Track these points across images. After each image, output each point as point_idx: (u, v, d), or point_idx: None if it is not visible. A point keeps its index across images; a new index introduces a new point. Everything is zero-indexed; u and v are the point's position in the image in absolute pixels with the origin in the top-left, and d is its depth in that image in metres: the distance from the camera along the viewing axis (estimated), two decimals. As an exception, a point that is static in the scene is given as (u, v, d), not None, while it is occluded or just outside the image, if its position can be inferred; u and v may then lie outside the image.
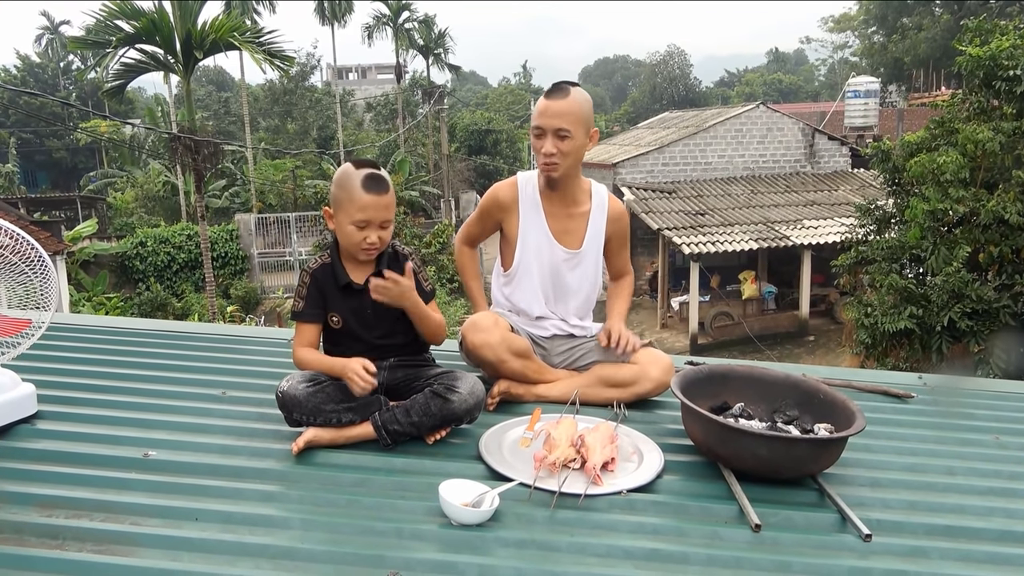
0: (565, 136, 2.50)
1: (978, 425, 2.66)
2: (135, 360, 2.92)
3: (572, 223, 2.69)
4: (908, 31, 35.51)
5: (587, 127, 2.55)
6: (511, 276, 2.74)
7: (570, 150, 2.53)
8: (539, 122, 2.53)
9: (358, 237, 2.15)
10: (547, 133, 2.51)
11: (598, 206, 2.71)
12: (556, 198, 2.67)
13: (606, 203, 2.73)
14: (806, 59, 73.24)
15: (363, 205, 2.12)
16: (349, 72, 61.40)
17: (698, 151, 20.01)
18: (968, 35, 9.84)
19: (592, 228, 2.70)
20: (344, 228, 2.16)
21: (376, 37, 37.51)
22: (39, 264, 2.15)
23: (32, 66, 48.35)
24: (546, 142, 2.52)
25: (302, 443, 2.05)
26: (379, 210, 2.14)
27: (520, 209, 2.67)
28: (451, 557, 1.64)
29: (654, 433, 2.30)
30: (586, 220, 2.70)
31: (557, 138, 2.51)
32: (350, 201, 2.13)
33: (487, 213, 2.74)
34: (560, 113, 2.49)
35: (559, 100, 2.51)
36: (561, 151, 2.52)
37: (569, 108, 2.50)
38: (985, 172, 9.56)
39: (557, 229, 2.68)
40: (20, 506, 1.78)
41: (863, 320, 9.62)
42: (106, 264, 21.74)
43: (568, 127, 2.49)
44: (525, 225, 2.67)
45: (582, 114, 2.52)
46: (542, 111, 2.53)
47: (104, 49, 15.76)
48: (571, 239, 2.69)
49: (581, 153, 2.58)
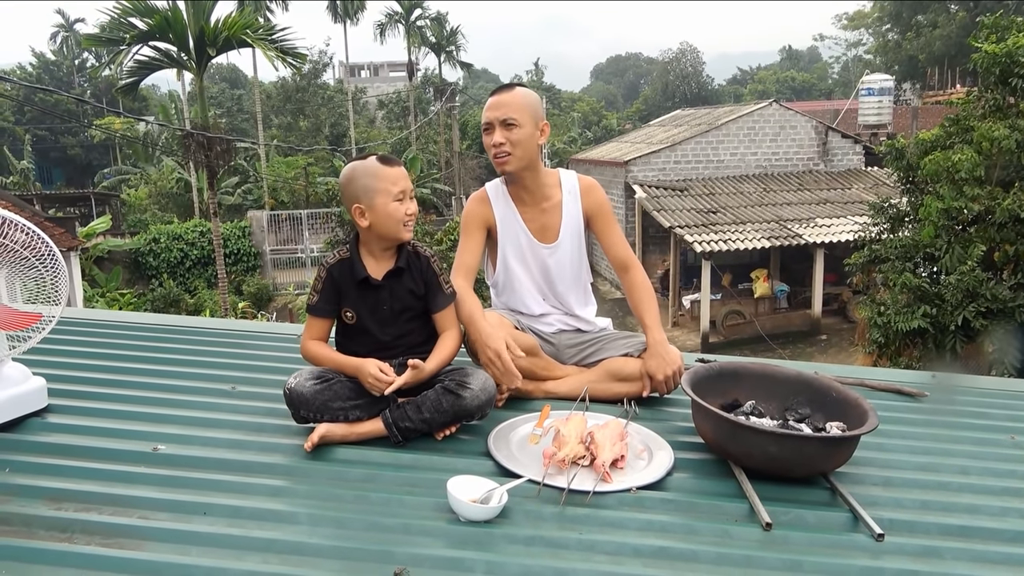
0: (512, 124, 2.53)
1: (993, 424, 2.63)
2: (144, 355, 2.93)
3: (546, 217, 2.69)
4: (923, 28, 35.27)
5: (535, 118, 2.58)
6: (500, 282, 2.74)
7: (519, 139, 2.54)
8: (486, 117, 2.58)
9: (400, 212, 2.19)
10: (495, 126, 2.55)
11: (569, 192, 2.70)
12: (527, 197, 2.67)
13: (576, 186, 2.71)
14: (820, 57, 72.81)
15: (395, 177, 2.19)
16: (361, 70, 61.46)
17: (710, 149, 19.94)
18: (984, 32, 9.74)
19: (567, 216, 2.69)
20: (387, 209, 2.17)
21: (388, 35, 37.57)
22: (50, 259, 2.16)
23: (47, 63, 48.70)
24: (495, 135, 2.55)
25: (316, 438, 2.05)
26: (405, 179, 2.23)
27: (496, 214, 2.68)
28: (459, 553, 1.63)
29: (664, 430, 2.28)
30: (559, 211, 2.69)
31: (505, 128, 2.54)
32: (382, 180, 2.18)
33: (471, 222, 2.69)
34: (504, 103, 2.55)
35: (503, 93, 2.59)
36: (510, 140, 2.54)
37: (513, 99, 2.56)
38: (1001, 170, 9.47)
39: (534, 227, 2.68)
40: (30, 499, 1.79)
41: (876, 319, 9.55)
42: (120, 260, 21.90)
43: (514, 115, 2.53)
44: (503, 229, 2.68)
45: (527, 104, 2.56)
46: (488, 106, 2.60)
47: (118, 46, 15.82)
48: (548, 234, 2.69)
49: (532, 144, 2.58)
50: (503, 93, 2.60)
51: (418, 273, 2.28)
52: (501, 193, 2.69)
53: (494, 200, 2.69)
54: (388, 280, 2.24)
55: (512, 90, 2.60)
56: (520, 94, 2.59)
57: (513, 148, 2.55)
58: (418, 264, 2.28)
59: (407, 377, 2.12)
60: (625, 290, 2.73)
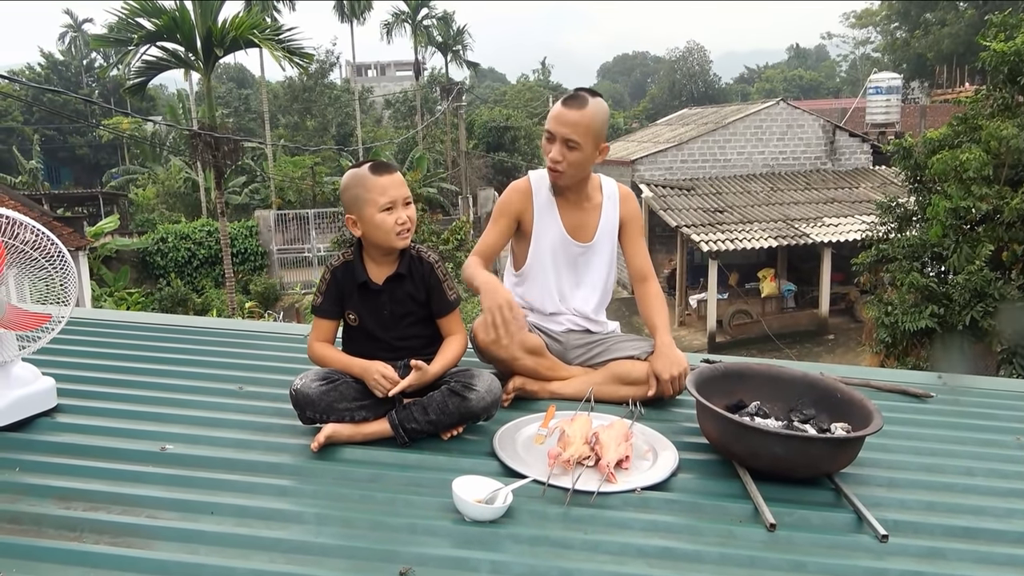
0: (574, 147, 2.50)
1: (999, 425, 2.62)
2: (153, 355, 2.95)
3: (585, 217, 2.69)
4: (931, 27, 35.12)
5: (597, 140, 2.53)
6: (524, 274, 2.74)
7: (576, 160, 2.52)
8: (551, 127, 2.53)
9: (390, 221, 2.15)
10: (557, 139, 2.52)
11: (609, 197, 2.72)
12: (570, 195, 2.68)
13: (616, 193, 2.73)
14: (827, 55, 72.59)
15: (382, 187, 2.15)
16: (368, 69, 61.58)
17: (717, 148, 19.89)
18: (992, 30, 9.69)
19: (604, 219, 2.70)
20: (374, 220, 2.15)
21: (395, 34, 37.66)
22: (59, 259, 2.18)
23: (56, 64, 48.94)
24: (554, 148, 2.52)
25: (322, 439, 2.06)
26: (397, 187, 2.17)
27: (535, 206, 2.67)
28: (464, 553, 1.64)
29: (669, 431, 2.29)
30: (598, 212, 2.70)
31: (565, 147, 2.50)
32: (369, 191, 2.15)
33: (505, 210, 2.69)
34: (572, 123, 2.48)
35: (574, 109, 2.49)
36: (568, 160, 2.51)
37: (582, 119, 2.48)
38: (1009, 169, 9.43)
39: (571, 224, 2.68)
40: (39, 498, 1.81)
41: (883, 319, 9.52)
42: (127, 260, 21.99)
43: (578, 139, 2.48)
44: (540, 222, 2.67)
45: (594, 127, 2.50)
46: (555, 116, 2.52)
47: (126, 47, 15.90)
48: (584, 233, 2.69)
49: (588, 164, 2.57)
50: (574, 109, 2.49)
51: (420, 279, 2.27)
52: (544, 185, 2.68)
53: (536, 191, 2.68)
54: (388, 285, 2.24)
55: (583, 108, 2.48)
56: (590, 115, 2.48)
57: (568, 168, 2.53)
58: (420, 270, 2.27)
59: (411, 379, 2.13)
60: (639, 299, 2.75)
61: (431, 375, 2.18)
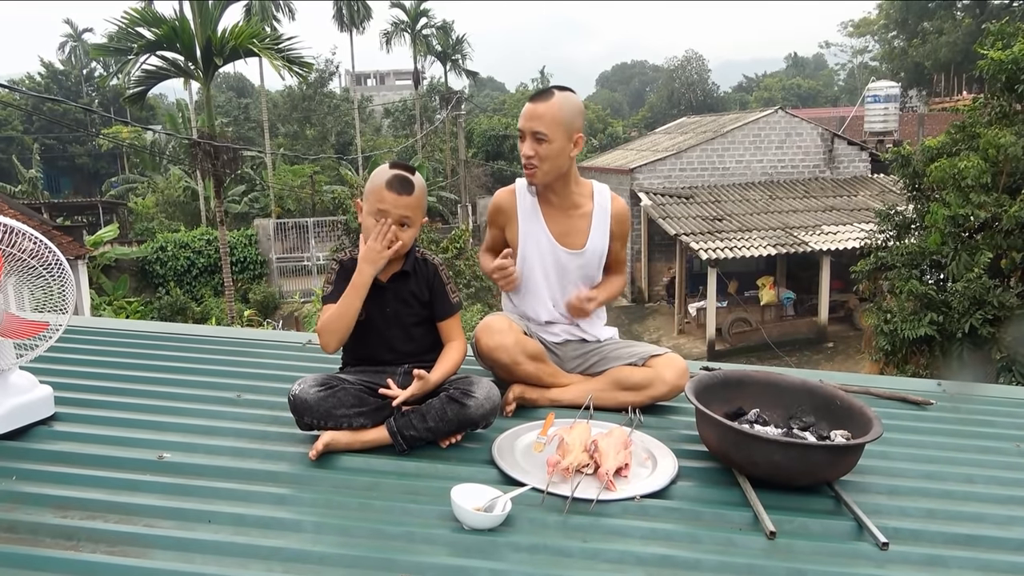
0: (542, 139, 2.48)
1: (999, 433, 2.62)
2: (150, 363, 2.94)
3: (573, 224, 2.66)
4: (929, 35, 35.23)
5: (569, 131, 2.51)
6: (517, 283, 2.73)
7: (548, 154, 2.50)
8: (520, 125, 2.55)
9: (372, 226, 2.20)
10: (526, 135, 2.51)
11: (600, 205, 2.68)
12: (555, 201, 2.66)
13: (609, 203, 2.69)
14: (825, 64, 72.78)
15: (383, 198, 2.19)
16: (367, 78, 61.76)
17: (716, 156, 19.93)
18: (990, 39, 9.74)
19: (596, 227, 2.67)
20: (367, 221, 2.22)
21: (394, 43, 37.78)
22: (57, 268, 2.17)
23: (56, 73, 48.97)
24: (525, 144, 2.52)
25: (320, 447, 2.06)
26: (397, 207, 2.19)
27: (519, 214, 2.66)
28: (462, 561, 1.64)
29: (668, 439, 2.28)
30: (588, 220, 2.67)
31: (535, 141, 2.49)
32: (373, 192, 2.22)
33: (492, 220, 2.76)
34: (539, 115, 2.48)
35: (540, 103, 2.50)
36: (539, 154, 2.50)
37: (548, 110, 2.48)
38: (1007, 177, 9.46)
39: (558, 231, 2.65)
40: (36, 507, 1.80)
41: (883, 326, 9.53)
42: (127, 268, 21.98)
43: (544, 130, 2.47)
44: (524, 230, 2.66)
45: (561, 117, 2.48)
46: (523, 114, 2.54)
47: (126, 56, 15.91)
48: (573, 239, 2.66)
49: (563, 157, 2.54)
50: (539, 103, 2.50)
51: (424, 279, 2.31)
52: (530, 191, 2.68)
53: (520, 197, 2.68)
54: (393, 283, 2.29)
55: (548, 100, 2.49)
56: (556, 106, 2.48)
57: (541, 162, 2.51)
58: (425, 270, 2.33)
59: (413, 389, 2.14)
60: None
61: (432, 383, 2.18)
